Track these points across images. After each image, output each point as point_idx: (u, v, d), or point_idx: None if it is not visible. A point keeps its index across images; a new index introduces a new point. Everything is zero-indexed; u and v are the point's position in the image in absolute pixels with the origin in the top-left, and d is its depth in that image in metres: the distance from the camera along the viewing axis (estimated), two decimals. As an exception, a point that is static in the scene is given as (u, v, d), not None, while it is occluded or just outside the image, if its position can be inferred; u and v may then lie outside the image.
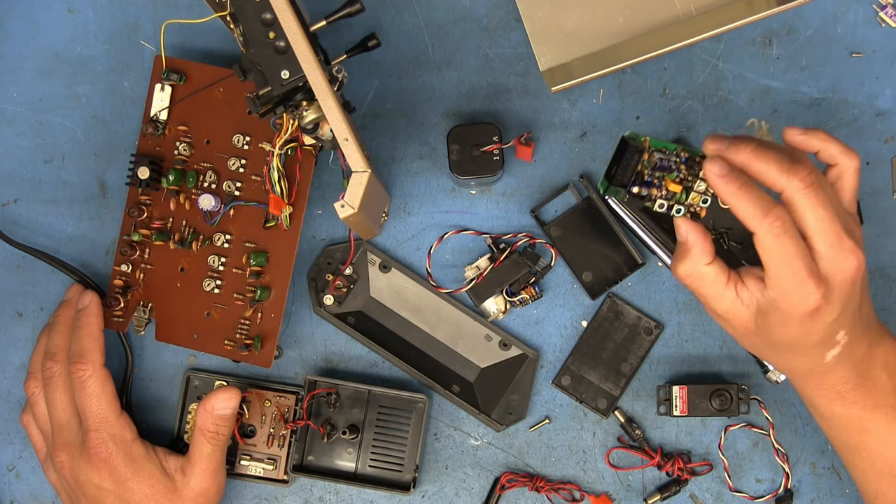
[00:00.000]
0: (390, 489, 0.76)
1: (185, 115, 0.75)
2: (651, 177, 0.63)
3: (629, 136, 0.63)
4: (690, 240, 0.63)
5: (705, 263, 0.63)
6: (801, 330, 0.61)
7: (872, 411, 0.64)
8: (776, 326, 0.62)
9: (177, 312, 0.75)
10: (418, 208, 0.78)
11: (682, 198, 0.63)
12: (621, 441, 0.77)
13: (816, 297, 0.59)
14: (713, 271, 0.63)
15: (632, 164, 0.62)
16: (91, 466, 0.71)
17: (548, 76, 0.75)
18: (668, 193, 0.63)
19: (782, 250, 0.59)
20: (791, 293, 0.60)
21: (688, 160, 0.63)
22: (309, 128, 0.66)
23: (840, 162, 0.64)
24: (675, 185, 0.63)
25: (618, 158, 0.62)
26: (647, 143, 0.62)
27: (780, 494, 0.76)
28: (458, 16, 0.78)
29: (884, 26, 0.77)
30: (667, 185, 0.63)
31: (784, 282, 0.59)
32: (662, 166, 0.63)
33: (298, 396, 0.77)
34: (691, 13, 0.75)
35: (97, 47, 0.79)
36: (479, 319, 0.78)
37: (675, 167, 0.63)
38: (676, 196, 0.63)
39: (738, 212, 0.59)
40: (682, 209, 0.64)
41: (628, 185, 0.63)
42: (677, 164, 0.63)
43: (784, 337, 0.62)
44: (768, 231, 0.58)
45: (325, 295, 0.77)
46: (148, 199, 0.75)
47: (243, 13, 0.63)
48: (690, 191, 0.63)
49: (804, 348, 0.63)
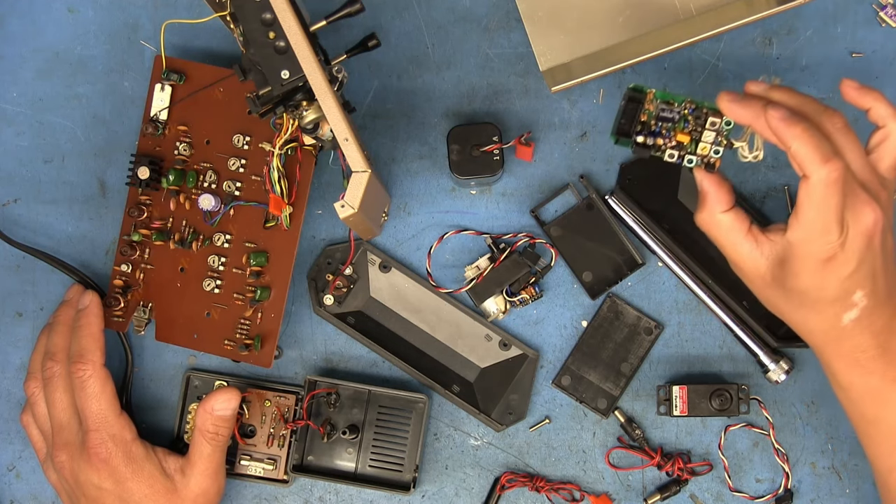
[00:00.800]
0: (390, 489, 0.76)
1: (185, 115, 0.75)
2: (659, 127, 0.65)
3: (634, 87, 0.65)
4: (705, 188, 0.65)
5: (721, 211, 0.64)
6: (816, 281, 0.62)
7: (893, 383, 0.64)
8: (791, 276, 0.62)
9: (177, 312, 0.75)
10: (418, 208, 0.78)
11: (693, 148, 0.65)
12: (621, 441, 0.77)
13: (834, 245, 0.60)
14: (730, 219, 0.64)
15: (635, 113, 0.64)
16: (91, 466, 0.71)
17: (548, 76, 0.75)
18: (677, 144, 0.65)
19: (827, 199, 0.60)
20: (814, 237, 0.60)
21: (695, 111, 0.65)
22: (309, 128, 0.66)
23: (888, 125, 0.64)
24: (683, 135, 0.65)
25: (623, 110, 0.65)
26: (652, 95, 0.64)
27: (780, 494, 0.76)
28: (458, 16, 0.78)
29: (884, 26, 0.77)
30: (675, 135, 0.64)
31: (813, 225, 0.60)
32: (665, 117, 0.64)
33: (298, 396, 0.77)
34: (691, 13, 0.75)
35: (97, 47, 0.79)
36: (479, 319, 0.78)
37: (681, 118, 0.65)
38: (686, 146, 0.65)
39: (799, 154, 0.60)
40: (695, 159, 0.65)
41: (632, 135, 0.65)
42: (683, 115, 0.65)
43: (799, 287, 0.62)
44: (824, 178, 0.59)
45: (325, 295, 0.77)
46: (148, 199, 0.75)
47: (243, 13, 0.63)
48: (699, 142, 0.65)
49: (820, 304, 0.63)
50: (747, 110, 0.63)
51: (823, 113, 0.63)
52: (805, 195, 0.60)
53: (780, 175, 0.77)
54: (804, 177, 0.60)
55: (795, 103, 0.63)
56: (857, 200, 0.61)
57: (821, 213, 0.60)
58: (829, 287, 0.62)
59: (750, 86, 0.64)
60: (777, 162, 0.77)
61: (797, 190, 0.61)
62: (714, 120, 0.64)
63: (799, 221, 0.61)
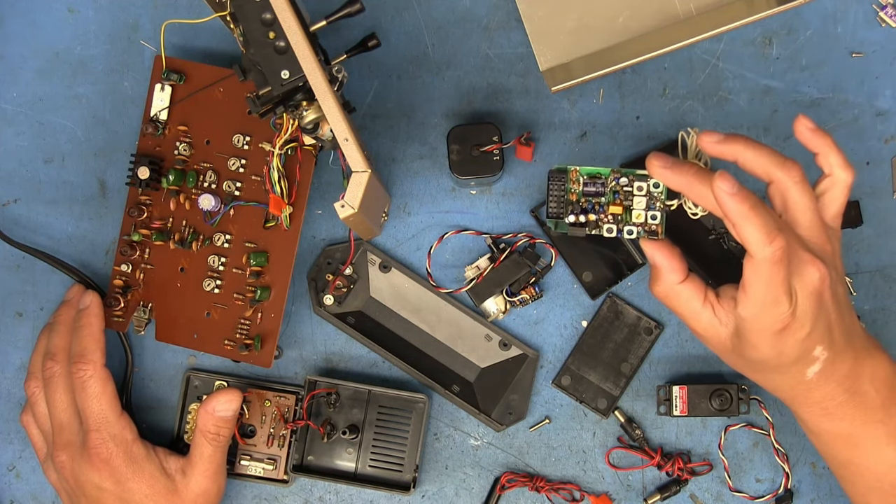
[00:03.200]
0: (390, 489, 0.76)
1: (185, 115, 0.75)
2: (591, 203, 0.64)
3: (555, 168, 0.65)
4: (658, 261, 0.63)
5: (678, 282, 0.63)
6: (775, 349, 0.61)
7: (862, 426, 0.64)
8: (749, 347, 0.62)
9: (177, 312, 0.75)
10: (418, 208, 0.78)
11: (628, 218, 0.64)
12: (621, 441, 0.77)
13: (786, 315, 0.59)
14: (687, 290, 0.63)
15: (563, 193, 0.64)
16: (91, 466, 0.71)
17: (548, 76, 0.75)
18: (612, 217, 0.64)
19: (773, 275, 0.58)
20: (765, 312, 0.59)
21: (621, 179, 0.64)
22: (309, 128, 0.66)
23: (835, 173, 0.63)
24: (615, 206, 0.64)
25: (549, 192, 0.65)
26: (576, 173, 0.64)
27: (780, 494, 0.76)
28: (458, 16, 0.78)
29: (884, 26, 0.77)
30: (608, 209, 0.64)
31: (763, 300, 0.59)
32: (591, 192, 0.64)
33: (298, 396, 0.77)
34: (691, 13, 0.75)
35: (97, 47, 0.79)
36: (479, 319, 0.78)
37: (610, 190, 0.64)
38: (622, 217, 0.64)
39: (744, 233, 0.58)
40: (635, 230, 0.64)
41: (564, 216, 0.65)
42: (611, 188, 0.64)
43: (759, 357, 0.62)
44: (769, 257, 0.58)
45: (325, 295, 0.77)
46: (148, 199, 0.75)
47: (243, 13, 0.63)
48: (631, 210, 0.64)
49: (782, 367, 0.62)
50: (680, 177, 0.61)
51: (782, 166, 0.61)
52: (751, 272, 0.59)
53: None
54: (749, 256, 0.59)
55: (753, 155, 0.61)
56: (802, 262, 0.60)
57: (769, 288, 0.59)
58: (788, 352, 0.61)
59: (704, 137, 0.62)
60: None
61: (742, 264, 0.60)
62: (640, 185, 0.63)
63: (748, 297, 0.60)
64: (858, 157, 0.76)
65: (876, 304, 0.76)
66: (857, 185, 0.76)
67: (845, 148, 0.76)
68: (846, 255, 0.76)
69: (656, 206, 0.64)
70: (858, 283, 0.76)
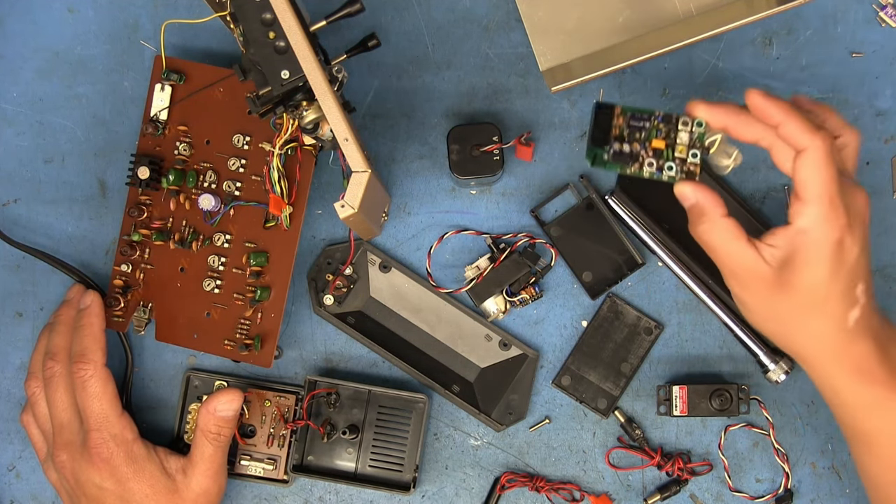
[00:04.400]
0: (390, 489, 0.76)
1: (185, 115, 0.75)
2: (631, 138, 0.65)
3: (600, 102, 0.65)
4: (700, 199, 0.64)
5: (721, 215, 0.64)
6: (827, 269, 0.61)
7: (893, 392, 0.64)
8: (800, 271, 0.62)
9: (177, 312, 0.75)
10: (418, 208, 0.78)
11: (669, 154, 0.64)
12: (621, 441, 0.77)
13: (843, 223, 0.61)
14: (732, 224, 0.64)
15: (608, 123, 0.65)
16: (92, 466, 0.71)
17: (548, 76, 0.75)
18: (654, 151, 0.64)
19: (825, 171, 0.60)
20: (824, 219, 0.61)
21: (664, 118, 0.65)
22: (309, 128, 0.66)
23: (844, 134, 0.65)
24: (658, 141, 0.65)
25: (595, 120, 0.65)
26: (619, 110, 0.65)
27: (780, 494, 0.76)
28: (458, 16, 0.78)
29: (884, 26, 0.77)
30: (650, 144, 0.64)
31: (820, 206, 0.60)
32: (637, 126, 0.65)
33: (298, 396, 0.77)
34: (691, 13, 0.75)
35: (97, 47, 0.79)
36: (479, 319, 0.78)
37: (652, 126, 0.65)
38: (663, 153, 0.64)
39: (789, 129, 0.60)
40: (674, 166, 0.64)
41: (608, 145, 0.65)
42: (654, 124, 0.65)
43: (809, 282, 0.62)
44: (819, 147, 0.60)
45: (325, 295, 0.77)
46: (148, 199, 0.75)
47: (243, 13, 0.63)
48: (675, 146, 0.64)
49: (829, 301, 0.62)
50: (722, 108, 0.63)
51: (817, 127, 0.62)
52: (805, 170, 0.60)
53: (780, 175, 0.77)
54: (798, 153, 0.60)
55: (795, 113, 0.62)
56: (846, 185, 0.62)
57: (825, 185, 0.60)
58: (839, 276, 0.62)
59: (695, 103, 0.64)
60: (777, 162, 0.77)
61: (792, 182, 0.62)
62: (686, 119, 0.64)
63: (804, 203, 0.61)
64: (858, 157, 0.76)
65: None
66: (857, 185, 0.76)
67: (845, 148, 0.76)
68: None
69: (696, 144, 0.64)
70: (858, 283, 0.76)
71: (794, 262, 0.62)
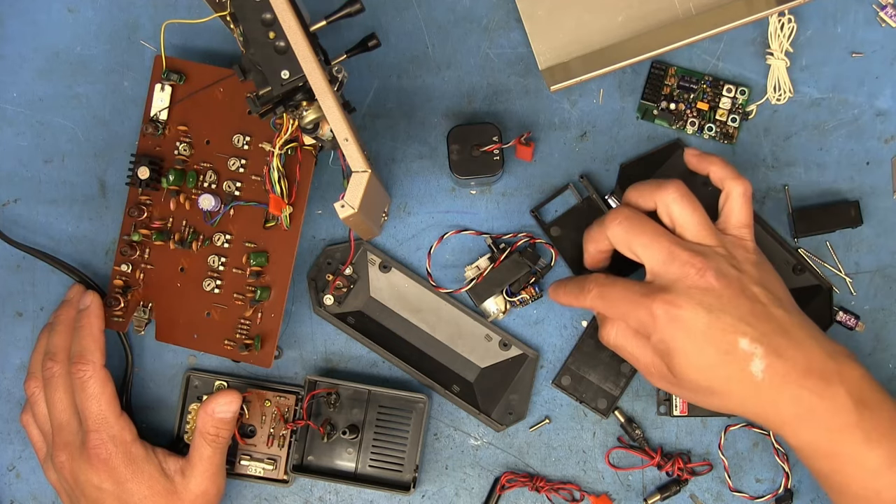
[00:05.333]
0: (390, 489, 0.76)
1: (185, 115, 0.75)
2: (679, 99, 0.75)
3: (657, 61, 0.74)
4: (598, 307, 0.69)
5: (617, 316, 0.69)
6: (695, 345, 0.63)
7: (838, 433, 0.63)
8: (675, 356, 0.65)
9: (177, 312, 0.75)
10: (418, 208, 0.78)
11: (712, 116, 0.75)
12: (621, 441, 0.77)
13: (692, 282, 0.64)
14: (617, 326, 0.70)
15: (660, 83, 0.75)
16: (91, 467, 0.71)
17: (547, 76, 0.75)
18: (698, 113, 0.75)
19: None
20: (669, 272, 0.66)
21: (712, 83, 0.75)
22: (309, 128, 0.66)
23: (726, 186, 0.68)
24: (703, 103, 0.75)
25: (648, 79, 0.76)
26: (673, 70, 0.75)
27: (780, 494, 0.76)
28: (458, 16, 0.78)
29: (884, 26, 0.77)
30: (696, 105, 0.75)
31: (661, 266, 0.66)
32: (686, 87, 0.75)
33: (298, 396, 0.77)
34: (691, 13, 0.75)
35: (97, 47, 0.79)
36: (479, 319, 0.78)
37: (700, 88, 0.75)
38: (706, 115, 0.75)
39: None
40: (714, 128, 0.75)
41: (659, 101, 0.75)
42: (702, 87, 0.75)
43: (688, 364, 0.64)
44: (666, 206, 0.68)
45: (325, 295, 0.77)
46: (148, 199, 0.75)
47: (243, 13, 0.63)
48: (717, 109, 0.75)
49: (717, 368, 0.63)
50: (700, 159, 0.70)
51: (660, 189, 0.68)
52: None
53: (781, 175, 0.77)
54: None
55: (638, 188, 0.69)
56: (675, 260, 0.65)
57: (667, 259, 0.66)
58: (711, 346, 0.64)
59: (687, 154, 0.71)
60: (777, 162, 0.77)
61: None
62: (730, 86, 0.74)
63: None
64: (858, 157, 0.76)
65: (876, 304, 0.76)
66: (857, 185, 0.76)
67: (845, 148, 0.76)
68: (846, 255, 0.76)
69: (737, 110, 0.75)
70: (858, 283, 0.76)
71: (668, 352, 0.65)
